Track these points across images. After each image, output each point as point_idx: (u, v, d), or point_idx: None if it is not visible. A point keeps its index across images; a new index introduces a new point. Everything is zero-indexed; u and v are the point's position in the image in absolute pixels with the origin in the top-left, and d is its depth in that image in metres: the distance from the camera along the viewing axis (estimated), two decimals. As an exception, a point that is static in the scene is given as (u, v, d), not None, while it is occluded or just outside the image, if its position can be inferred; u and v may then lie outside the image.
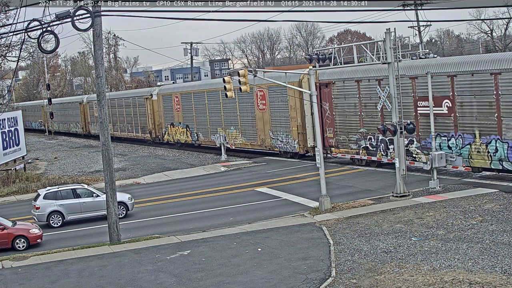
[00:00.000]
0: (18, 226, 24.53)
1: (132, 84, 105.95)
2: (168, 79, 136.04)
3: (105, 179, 23.41)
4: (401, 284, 15.66)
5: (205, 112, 48.06)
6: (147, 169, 43.43)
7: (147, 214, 28.79)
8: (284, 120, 39.70)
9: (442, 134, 28.88)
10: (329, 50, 29.50)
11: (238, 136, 44.19)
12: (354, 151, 34.68)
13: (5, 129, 41.60)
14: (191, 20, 29.47)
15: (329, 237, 20.80)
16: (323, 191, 25.43)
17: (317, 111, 26.51)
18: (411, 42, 40.77)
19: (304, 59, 72.36)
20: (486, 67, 27.13)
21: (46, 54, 57.77)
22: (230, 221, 25.44)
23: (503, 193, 24.86)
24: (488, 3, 58.83)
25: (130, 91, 68.34)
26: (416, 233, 20.29)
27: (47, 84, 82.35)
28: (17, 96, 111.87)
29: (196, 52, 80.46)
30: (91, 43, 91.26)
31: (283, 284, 16.52)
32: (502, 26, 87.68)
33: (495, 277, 15.44)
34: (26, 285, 18.68)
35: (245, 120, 43.39)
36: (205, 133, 48.45)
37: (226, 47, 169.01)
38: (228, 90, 26.64)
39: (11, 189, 37.97)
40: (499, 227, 20.03)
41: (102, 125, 23.24)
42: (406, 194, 25.92)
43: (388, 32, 25.51)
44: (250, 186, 33.08)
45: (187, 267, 18.86)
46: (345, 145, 35.26)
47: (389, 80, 26.11)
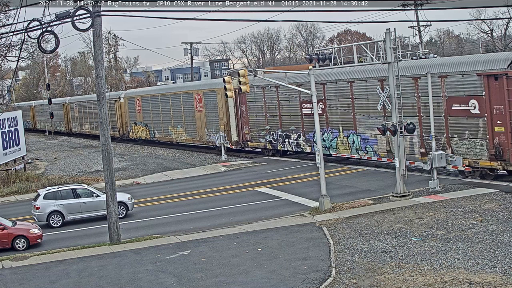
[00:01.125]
0: (18, 226, 24.53)
1: (132, 84, 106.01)
2: (168, 79, 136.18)
3: (105, 179, 23.41)
4: (401, 284, 15.66)
5: (159, 113, 55.91)
6: (147, 169, 43.44)
7: (147, 214, 28.79)
8: (215, 119, 47.36)
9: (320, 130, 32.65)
10: (329, 50, 29.51)
11: (183, 133, 52.11)
12: (263, 144, 42.93)
13: (5, 129, 41.59)
14: (191, 20, 29.50)
15: (329, 237, 20.80)
16: (323, 191, 25.43)
17: (316, 111, 26.50)
18: (411, 42, 40.80)
19: (304, 59, 72.34)
20: (345, 77, 34.59)
21: (46, 54, 58.26)
22: (230, 221, 25.44)
23: (503, 193, 24.86)
24: (488, 3, 58.95)
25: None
26: (416, 233, 20.29)
27: (47, 84, 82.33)
28: (17, 96, 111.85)
29: (196, 52, 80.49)
30: (91, 43, 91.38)
31: (283, 284, 16.52)
32: (502, 26, 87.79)
33: (495, 277, 15.44)
34: (26, 285, 18.68)
35: (188, 119, 51.20)
36: (159, 130, 56.45)
37: (226, 47, 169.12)
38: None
39: (11, 189, 37.97)
40: (499, 227, 20.03)
41: (102, 125, 23.24)
42: (406, 194, 25.93)
43: (388, 32, 25.51)
44: (250, 186, 33.08)
45: (187, 267, 18.86)
46: (257, 139, 43.47)
47: (389, 81, 26.12)
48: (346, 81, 34.44)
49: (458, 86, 28.01)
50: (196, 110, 49.63)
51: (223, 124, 46.27)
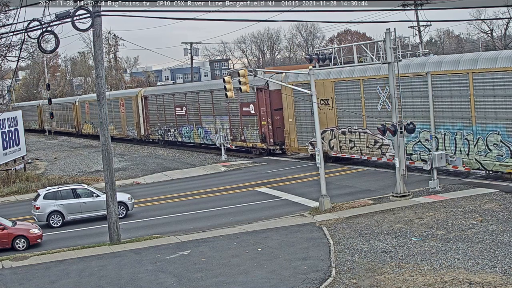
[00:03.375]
0: (18, 226, 24.52)
1: (132, 84, 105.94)
2: (168, 79, 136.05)
3: (105, 179, 23.41)
4: (401, 284, 15.66)
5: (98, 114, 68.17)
6: (147, 169, 43.43)
7: (147, 214, 28.79)
8: (131, 119, 62.45)
9: (185, 126, 52.89)
10: (329, 50, 29.50)
11: (114, 129, 65.46)
12: (157, 136, 58.29)
13: (5, 129, 41.59)
14: (191, 20, 29.48)
15: (329, 237, 20.80)
16: (323, 191, 25.43)
17: (316, 111, 26.50)
18: (411, 42, 40.76)
19: (304, 59, 72.36)
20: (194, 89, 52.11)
21: (46, 54, 58.69)
22: (230, 221, 25.44)
23: (503, 193, 24.86)
24: (488, 3, 58.94)
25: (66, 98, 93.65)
26: (416, 233, 20.29)
27: (47, 84, 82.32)
28: (17, 96, 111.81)
29: (196, 52, 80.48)
30: (91, 43, 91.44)
31: (283, 284, 16.52)
32: (502, 26, 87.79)
33: (495, 277, 15.44)
34: (26, 285, 18.68)
35: (116, 119, 66.05)
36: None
37: (226, 47, 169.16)
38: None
39: (11, 189, 37.96)
40: (499, 227, 20.04)
41: (102, 125, 23.26)
42: (406, 194, 25.93)
43: (388, 32, 25.50)
44: (250, 186, 33.08)
45: (187, 267, 18.86)
46: (154, 133, 59.04)
47: (389, 81, 26.12)
48: (195, 92, 50.83)
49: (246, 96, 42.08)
50: (121, 112, 64.57)
51: (135, 122, 61.32)
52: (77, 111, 78.44)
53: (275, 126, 41.56)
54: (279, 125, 41.45)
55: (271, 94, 41.06)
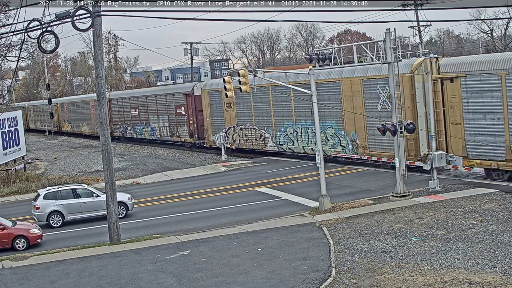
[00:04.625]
0: (18, 226, 24.52)
1: (132, 84, 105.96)
2: (168, 79, 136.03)
3: (105, 179, 23.41)
4: (401, 284, 15.66)
5: (76, 115, 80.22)
6: (147, 169, 43.44)
7: (147, 214, 28.79)
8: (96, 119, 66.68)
9: (138, 124, 61.20)
10: (329, 50, 29.50)
11: (87, 127, 74.84)
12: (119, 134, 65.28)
13: (5, 129, 41.59)
14: (191, 20, 29.46)
15: (329, 237, 20.80)
16: (323, 191, 25.43)
17: (316, 111, 26.49)
18: (411, 42, 40.72)
19: (304, 59, 72.34)
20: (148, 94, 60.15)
21: (46, 54, 58.73)
22: (230, 221, 25.44)
23: (503, 193, 24.87)
24: (488, 3, 58.94)
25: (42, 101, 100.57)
26: (416, 233, 20.29)
27: (47, 84, 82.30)
28: (17, 96, 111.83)
29: (196, 52, 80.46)
30: (91, 43, 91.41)
31: (283, 284, 16.53)
32: (502, 26, 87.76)
33: (495, 277, 15.44)
34: (26, 285, 18.68)
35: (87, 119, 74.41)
36: (76, 126, 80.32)
37: (226, 47, 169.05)
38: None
39: (11, 189, 37.95)
40: (499, 227, 20.04)
41: (102, 125, 23.24)
42: (406, 194, 25.93)
43: (388, 32, 25.50)
44: (250, 186, 33.09)
45: (187, 267, 18.86)
46: (117, 131, 65.89)
47: (389, 81, 26.13)
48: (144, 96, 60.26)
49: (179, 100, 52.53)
50: (91, 113, 72.12)
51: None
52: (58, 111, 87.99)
53: (199, 124, 50.68)
54: (202, 123, 50.36)
55: (196, 98, 50.54)
